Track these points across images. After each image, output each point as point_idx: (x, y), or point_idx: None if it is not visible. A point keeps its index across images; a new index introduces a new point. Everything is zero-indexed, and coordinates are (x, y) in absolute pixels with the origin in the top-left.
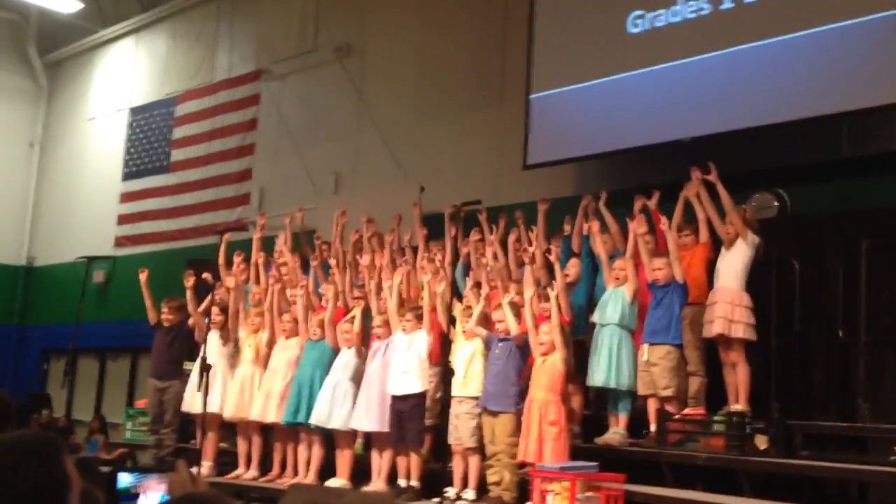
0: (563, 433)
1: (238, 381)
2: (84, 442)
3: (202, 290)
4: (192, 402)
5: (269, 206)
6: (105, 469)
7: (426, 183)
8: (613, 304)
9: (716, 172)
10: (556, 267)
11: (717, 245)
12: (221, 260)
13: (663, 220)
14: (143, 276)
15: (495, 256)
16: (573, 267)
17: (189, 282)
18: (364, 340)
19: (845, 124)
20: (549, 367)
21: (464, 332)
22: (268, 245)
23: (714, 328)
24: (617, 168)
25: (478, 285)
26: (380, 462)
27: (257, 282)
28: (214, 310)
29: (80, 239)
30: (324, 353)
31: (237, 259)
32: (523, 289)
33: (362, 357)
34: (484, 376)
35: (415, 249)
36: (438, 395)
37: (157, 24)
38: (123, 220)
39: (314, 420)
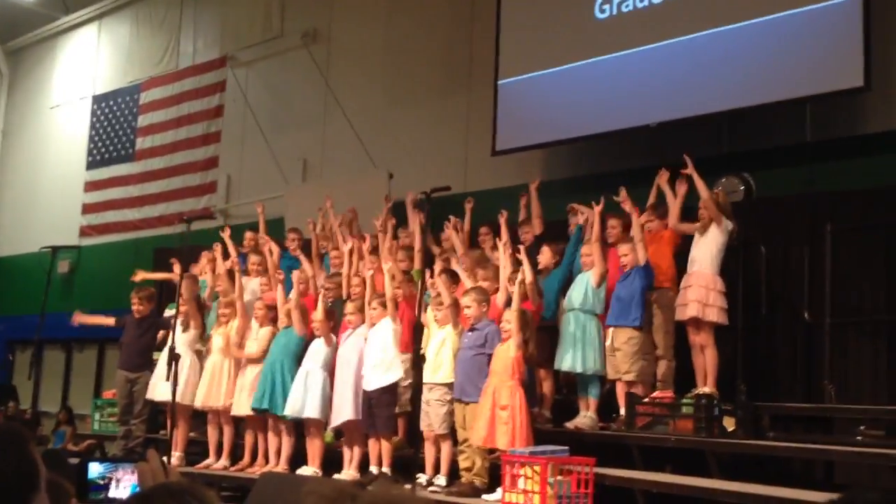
0: (518, 416)
1: (208, 371)
2: (51, 434)
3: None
4: (155, 390)
5: (236, 195)
6: (74, 460)
7: (395, 169)
8: (579, 289)
9: (692, 165)
10: (525, 260)
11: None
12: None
13: (634, 214)
14: (138, 278)
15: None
16: (543, 255)
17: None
18: (336, 329)
19: (809, 109)
20: (503, 353)
21: (436, 319)
22: (236, 235)
23: (688, 311)
24: (584, 153)
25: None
26: (351, 450)
27: (232, 277)
28: (181, 300)
29: (44, 229)
30: (290, 340)
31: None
32: (490, 275)
33: (333, 346)
34: (455, 365)
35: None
36: (408, 381)
37: (120, 10)
38: (88, 209)
39: (289, 411)
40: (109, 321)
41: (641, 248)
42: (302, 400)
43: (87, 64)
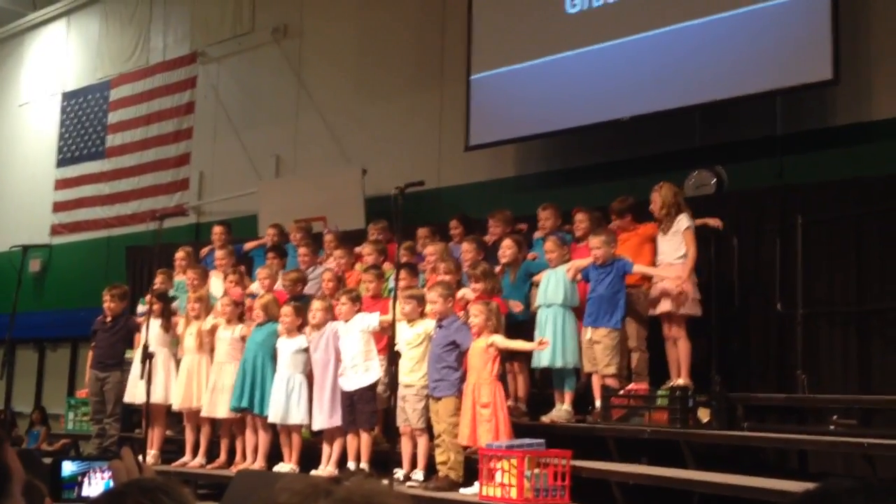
0: (499, 413)
1: (184, 372)
2: (25, 434)
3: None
4: (133, 391)
5: (209, 191)
6: (48, 460)
7: (368, 164)
8: (555, 284)
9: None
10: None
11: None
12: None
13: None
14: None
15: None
16: (508, 248)
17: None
18: (304, 324)
19: (780, 102)
20: (479, 350)
21: (403, 313)
22: (205, 232)
23: (661, 306)
24: (557, 148)
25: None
26: (329, 447)
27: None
28: (151, 298)
29: (14, 227)
30: (267, 337)
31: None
32: (452, 268)
33: (304, 345)
34: (428, 361)
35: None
36: (386, 379)
37: (89, 6)
38: (59, 207)
39: (272, 418)
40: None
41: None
42: (285, 407)
43: (56, 60)
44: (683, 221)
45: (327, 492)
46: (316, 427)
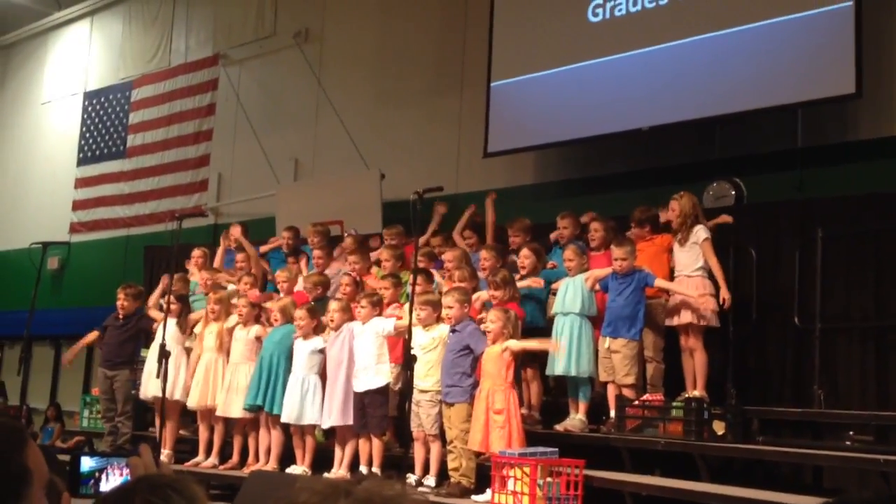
0: (512, 420)
1: (202, 371)
2: (39, 430)
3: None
4: (146, 387)
5: (228, 193)
6: (63, 457)
7: (386, 170)
8: (573, 293)
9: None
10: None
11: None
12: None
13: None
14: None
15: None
16: (526, 258)
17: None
18: (320, 327)
19: (801, 115)
20: (494, 356)
21: (419, 318)
22: (222, 233)
23: (682, 318)
24: (576, 156)
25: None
26: (342, 450)
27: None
28: (171, 299)
29: (33, 225)
30: (284, 336)
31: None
32: (467, 276)
33: (320, 346)
34: (441, 367)
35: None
36: (399, 385)
37: (112, 6)
38: (78, 206)
39: (285, 418)
40: (92, 336)
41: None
42: (299, 407)
43: (78, 60)
44: (701, 233)
45: (347, 492)
46: (327, 425)
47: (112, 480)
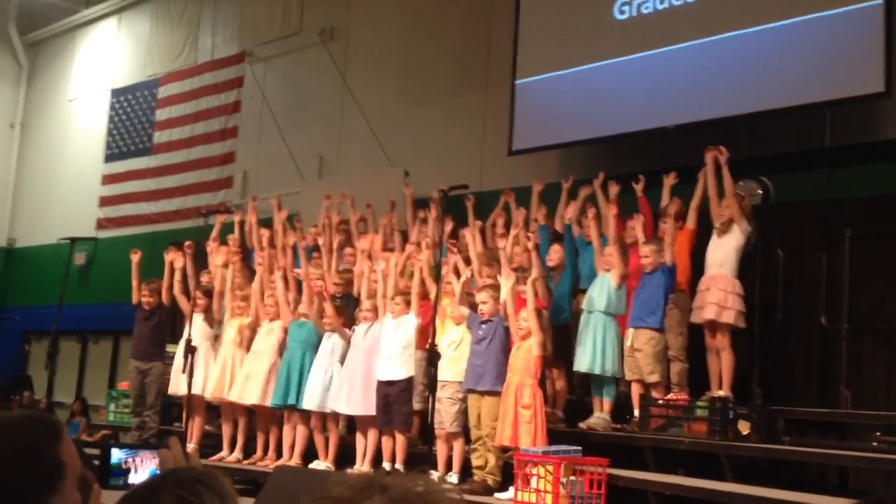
0: (538, 416)
1: (220, 363)
2: (65, 424)
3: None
4: (177, 384)
5: (253, 190)
6: (90, 450)
7: (410, 168)
8: (600, 290)
9: (726, 156)
10: (534, 254)
11: (702, 233)
12: (215, 234)
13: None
14: (134, 258)
15: (476, 239)
16: (555, 253)
17: (176, 261)
18: (348, 323)
19: (828, 113)
20: (524, 352)
21: (453, 315)
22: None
23: (706, 314)
24: (601, 155)
25: (456, 270)
26: (364, 444)
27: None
28: (197, 293)
29: (61, 221)
30: (310, 333)
31: (230, 239)
32: (494, 274)
33: (347, 339)
34: (469, 358)
35: (403, 234)
36: (424, 380)
37: (139, 4)
38: (105, 202)
39: (308, 405)
40: (136, 291)
41: (670, 250)
42: (322, 394)
43: (106, 57)
44: (748, 227)
45: (383, 487)
46: (348, 412)
47: (141, 472)
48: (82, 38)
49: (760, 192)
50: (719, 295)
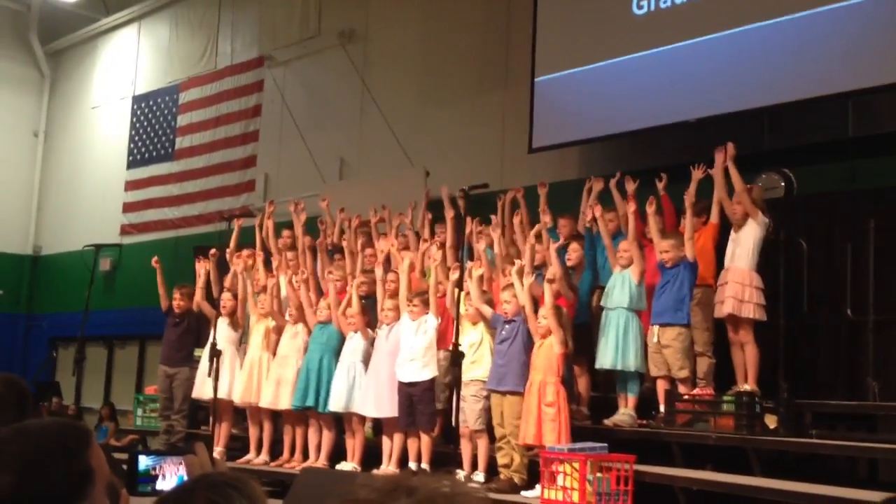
0: (562, 414)
1: (247, 367)
2: (94, 430)
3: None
4: (202, 388)
5: (274, 193)
6: (119, 455)
7: (431, 168)
8: (620, 286)
9: (732, 153)
10: (553, 254)
11: (724, 228)
12: (232, 245)
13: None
14: (156, 264)
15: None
16: (574, 251)
17: (207, 265)
18: (370, 324)
19: (851, 104)
20: (546, 350)
21: (466, 315)
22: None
23: (724, 308)
24: (622, 150)
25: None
26: (391, 446)
27: (267, 266)
28: (226, 296)
29: (85, 227)
30: (331, 336)
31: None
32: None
33: (370, 339)
34: (492, 358)
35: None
36: (448, 378)
37: (159, 11)
38: (128, 208)
39: (333, 407)
40: (164, 297)
41: (690, 245)
42: (347, 395)
43: (127, 64)
44: (764, 219)
45: (410, 490)
46: (372, 415)
47: (169, 479)
48: (103, 46)
49: (783, 184)
50: (736, 289)
